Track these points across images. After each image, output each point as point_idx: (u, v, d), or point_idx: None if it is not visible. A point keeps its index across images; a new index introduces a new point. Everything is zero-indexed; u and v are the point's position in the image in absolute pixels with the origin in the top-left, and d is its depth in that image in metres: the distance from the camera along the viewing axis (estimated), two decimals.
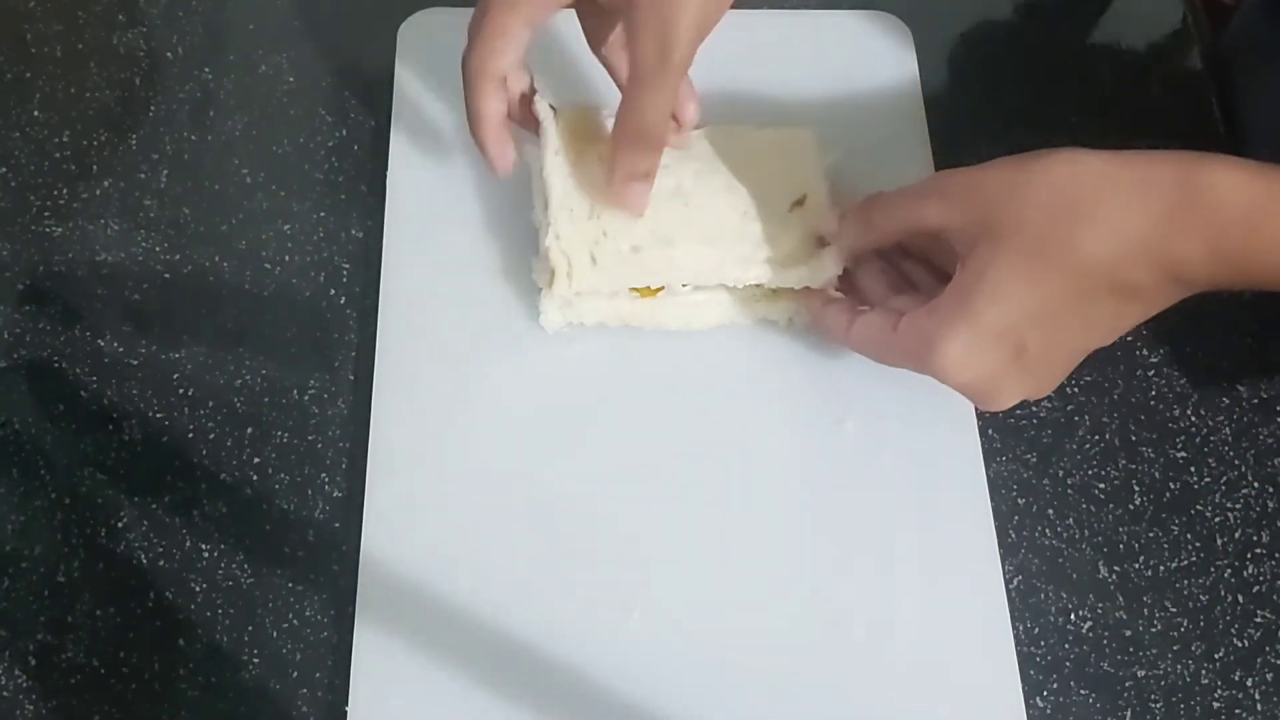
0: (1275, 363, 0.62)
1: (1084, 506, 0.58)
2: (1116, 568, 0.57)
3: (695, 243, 0.56)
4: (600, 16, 0.56)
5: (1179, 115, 0.68)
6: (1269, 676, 0.55)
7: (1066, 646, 0.55)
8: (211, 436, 0.57)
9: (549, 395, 0.58)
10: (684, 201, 0.56)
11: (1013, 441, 0.59)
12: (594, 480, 0.56)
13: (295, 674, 0.53)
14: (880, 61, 0.67)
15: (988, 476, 0.57)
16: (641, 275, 0.56)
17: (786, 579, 0.54)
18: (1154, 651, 0.55)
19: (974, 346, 0.48)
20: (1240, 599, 0.57)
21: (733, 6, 0.52)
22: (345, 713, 0.51)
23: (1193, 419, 0.60)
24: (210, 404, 0.58)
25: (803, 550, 0.55)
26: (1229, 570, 0.57)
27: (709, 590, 0.54)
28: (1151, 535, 0.58)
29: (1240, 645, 0.56)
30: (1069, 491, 0.58)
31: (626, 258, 0.55)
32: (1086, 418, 0.60)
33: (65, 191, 0.63)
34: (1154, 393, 0.61)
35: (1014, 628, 0.54)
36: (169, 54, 0.68)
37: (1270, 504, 0.59)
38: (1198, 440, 0.60)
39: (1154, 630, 0.56)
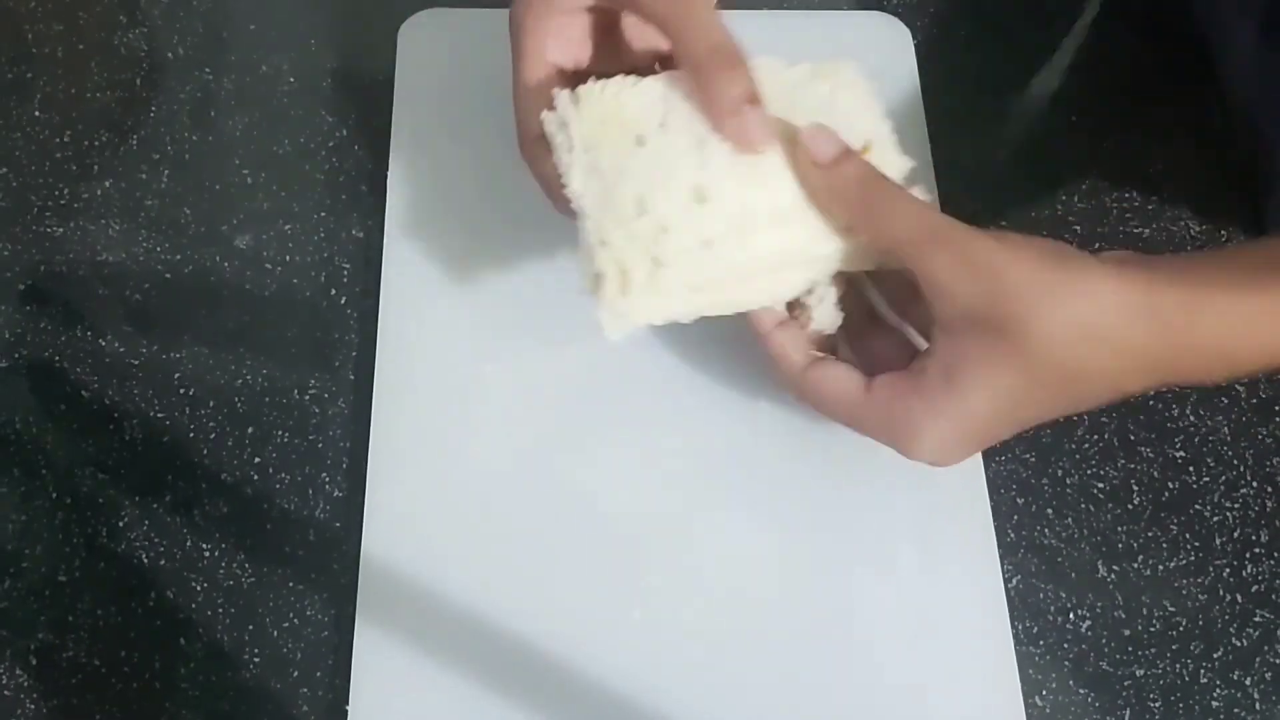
0: None
1: (1083, 506, 0.58)
2: (1115, 567, 0.57)
3: (771, 224, 0.48)
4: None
5: (1178, 114, 0.68)
6: (1268, 676, 0.55)
7: (1065, 646, 0.55)
8: (211, 436, 0.57)
9: (549, 395, 0.58)
10: (748, 166, 0.48)
11: (1012, 441, 0.59)
12: (594, 479, 0.56)
13: (295, 674, 0.53)
14: (880, 61, 0.67)
15: (987, 476, 0.57)
16: (721, 274, 0.48)
17: (786, 578, 0.54)
18: (1153, 651, 0.55)
19: (957, 442, 0.46)
20: (1239, 598, 0.57)
21: (733, 7, 0.52)
22: (345, 712, 0.51)
23: (1191, 419, 0.61)
24: (210, 404, 0.58)
25: (802, 549, 0.55)
26: (1228, 570, 0.57)
27: (709, 590, 0.54)
28: (1150, 535, 0.58)
29: (1239, 645, 0.56)
30: (1068, 491, 0.58)
31: (698, 255, 0.47)
32: (1085, 417, 0.60)
33: (66, 191, 0.63)
34: (1153, 392, 0.61)
35: (1014, 627, 0.54)
36: (169, 54, 0.68)
37: (1269, 504, 0.59)
38: (1196, 440, 0.60)
39: (1153, 629, 0.56)
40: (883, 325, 0.51)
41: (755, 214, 0.47)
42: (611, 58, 0.53)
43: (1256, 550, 0.58)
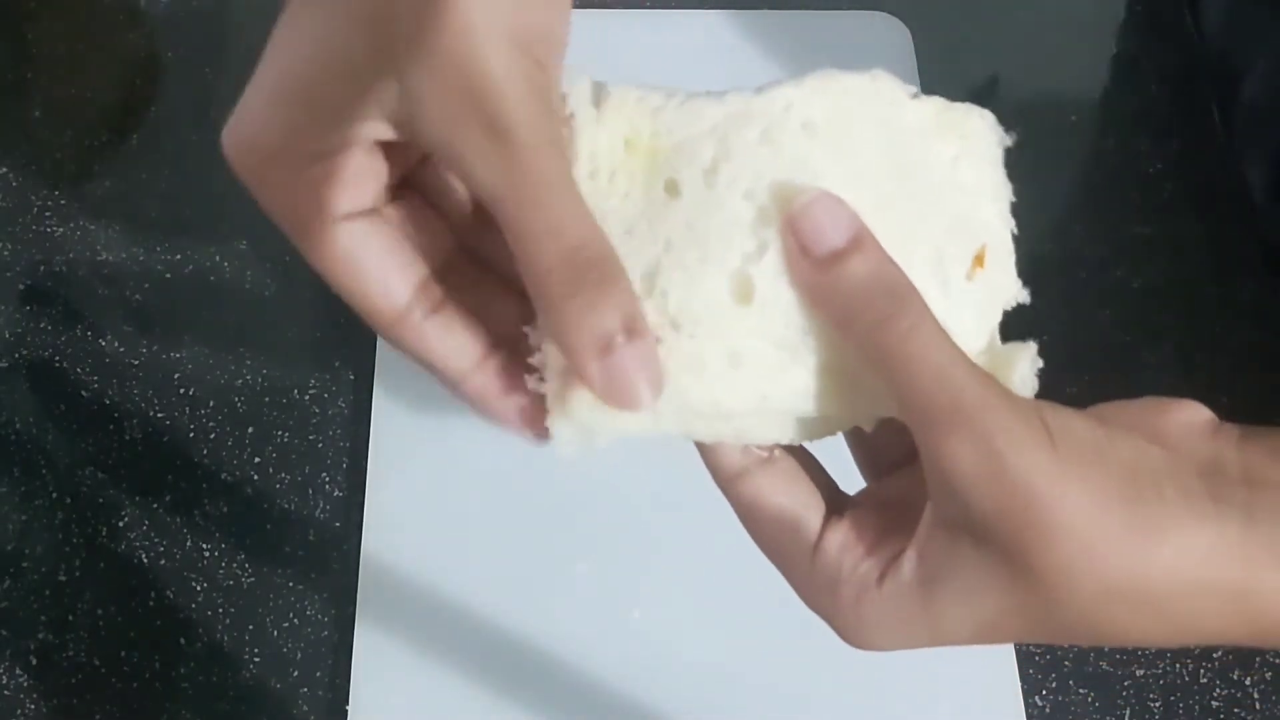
0: (1275, 363, 0.62)
1: None
2: None
3: (828, 355, 0.32)
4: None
5: (1178, 113, 0.68)
6: (1268, 676, 0.55)
7: (1066, 645, 0.55)
8: (211, 436, 0.57)
9: None
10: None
11: None
12: (594, 480, 0.56)
13: (295, 673, 0.53)
14: (880, 61, 0.66)
15: None
16: (737, 406, 0.33)
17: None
18: (1152, 650, 0.55)
19: (905, 645, 0.35)
20: None
21: (733, 7, 0.51)
22: (345, 712, 0.51)
23: None
24: (210, 404, 0.58)
25: None
26: None
27: (709, 590, 0.54)
28: None
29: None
30: None
31: (721, 376, 0.32)
32: None
33: (66, 191, 0.63)
34: (1154, 393, 0.61)
35: None
36: (169, 54, 0.68)
37: None
38: None
39: None
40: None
41: (807, 335, 0.32)
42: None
43: None
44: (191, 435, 0.57)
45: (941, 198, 0.34)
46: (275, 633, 0.54)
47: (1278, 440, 0.31)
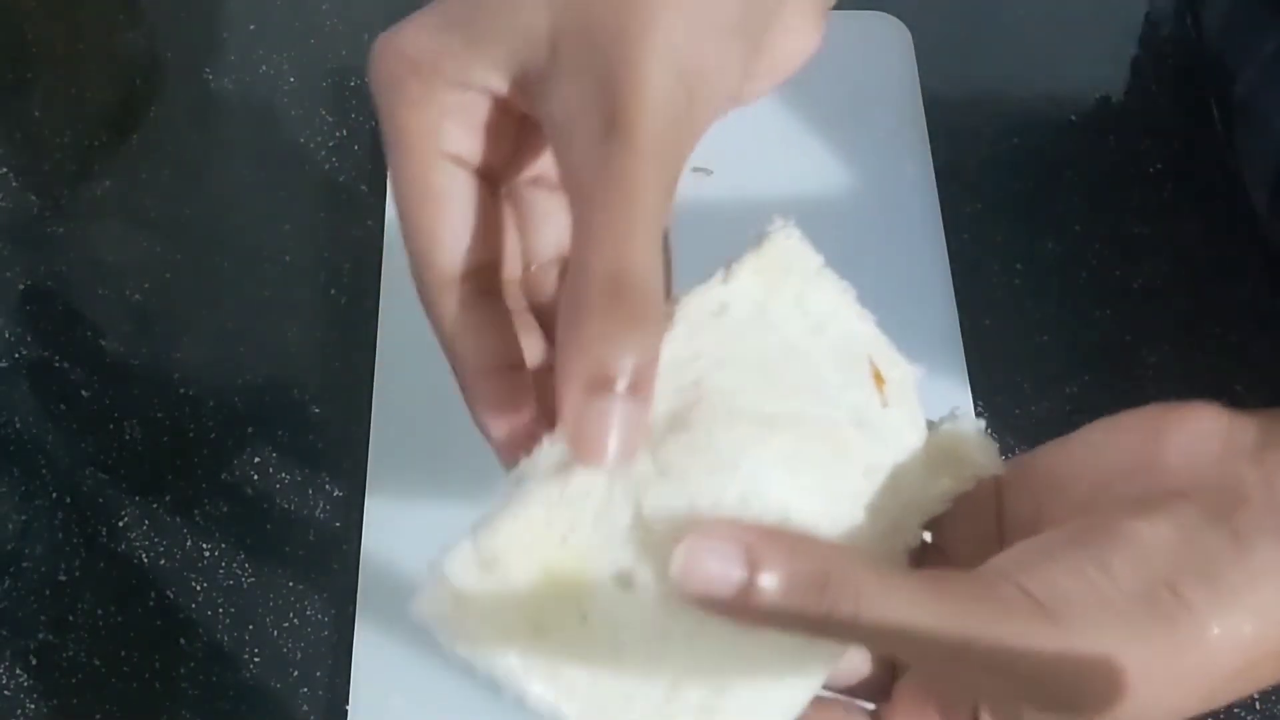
0: (1275, 363, 0.62)
1: None
2: None
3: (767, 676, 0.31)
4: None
5: (1178, 113, 0.68)
6: None
7: None
8: (211, 436, 0.57)
9: None
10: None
11: (1012, 441, 0.59)
12: None
13: (295, 674, 0.53)
14: (880, 61, 0.67)
15: None
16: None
17: None
18: None
19: None
20: None
21: None
22: (345, 712, 0.51)
23: None
24: (210, 404, 0.58)
25: None
26: None
27: None
28: None
29: None
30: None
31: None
32: (1086, 418, 0.60)
33: (66, 191, 0.63)
34: (1154, 393, 0.61)
35: None
36: (169, 54, 0.68)
37: None
38: None
39: None
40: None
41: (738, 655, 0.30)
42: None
43: None
44: (191, 435, 0.57)
45: (814, 350, 0.33)
46: (275, 633, 0.54)
47: None
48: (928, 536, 0.34)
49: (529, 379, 0.33)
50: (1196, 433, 0.29)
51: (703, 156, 0.34)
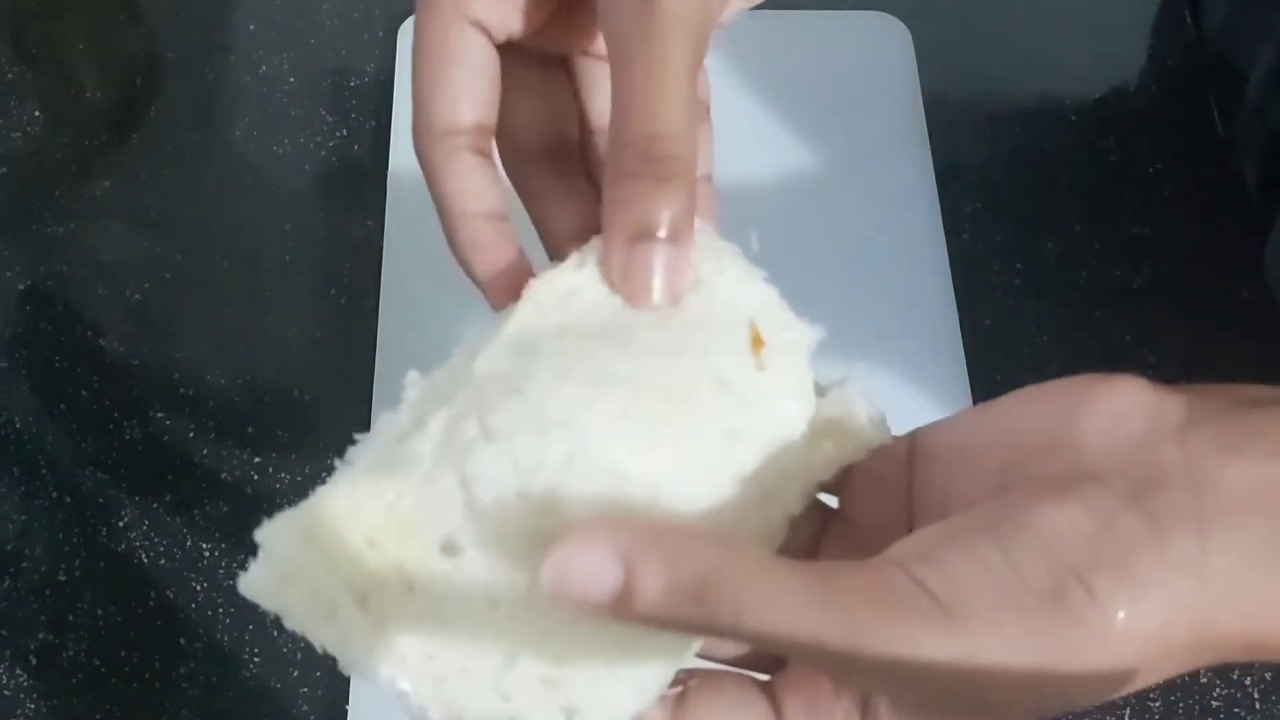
0: (1275, 363, 0.62)
1: None
2: None
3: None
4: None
5: (1178, 113, 0.68)
6: (1268, 675, 0.55)
7: None
8: (211, 436, 0.57)
9: None
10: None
11: None
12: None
13: (295, 673, 0.53)
14: (880, 61, 0.67)
15: None
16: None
17: None
18: None
19: None
20: None
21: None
22: (345, 712, 0.51)
23: None
24: (210, 404, 0.58)
25: None
26: None
27: None
28: None
29: None
30: None
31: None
32: None
33: (65, 191, 0.63)
34: None
35: None
36: (169, 54, 0.68)
37: None
38: None
39: None
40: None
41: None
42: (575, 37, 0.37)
43: None
44: (191, 435, 0.57)
45: (674, 318, 0.32)
46: (275, 633, 0.54)
47: (1225, 419, 0.27)
48: (835, 503, 0.34)
49: (514, 230, 0.35)
50: (1118, 411, 0.28)
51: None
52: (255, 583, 0.29)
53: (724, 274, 0.33)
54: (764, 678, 0.33)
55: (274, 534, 0.30)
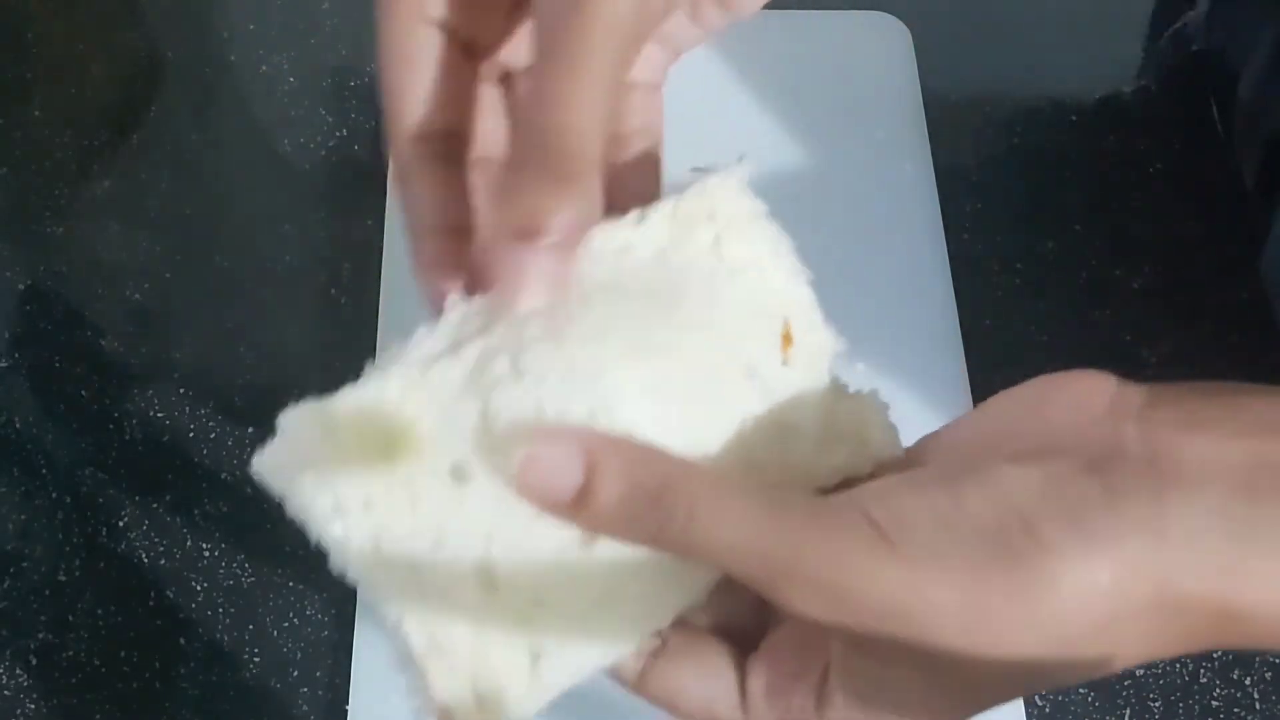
0: (1274, 363, 0.62)
1: None
2: None
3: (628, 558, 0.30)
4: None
5: (1178, 113, 0.68)
6: (1268, 675, 0.55)
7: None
8: (211, 436, 0.57)
9: None
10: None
11: None
12: None
13: (295, 673, 0.53)
14: (880, 61, 0.67)
15: None
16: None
17: None
18: None
19: None
20: None
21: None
22: (345, 712, 0.51)
23: None
24: (210, 404, 0.58)
25: None
26: None
27: None
28: None
29: None
30: None
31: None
32: None
33: (65, 191, 0.63)
34: None
35: None
36: (169, 54, 0.68)
37: None
38: None
39: None
40: None
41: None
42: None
43: None
44: (191, 435, 0.57)
45: (721, 295, 0.32)
46: (275, 633, 0.54)
47: (1187, 402, 0.27)
48: None
49: (477, 245, 0.33)
50: (1082, 392, 0.28)
51: (703, 156, 0.34)
52: (269, 462, 0.30)
53: (778, 264, 0.33)
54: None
55: (296, 420, 0.30)
